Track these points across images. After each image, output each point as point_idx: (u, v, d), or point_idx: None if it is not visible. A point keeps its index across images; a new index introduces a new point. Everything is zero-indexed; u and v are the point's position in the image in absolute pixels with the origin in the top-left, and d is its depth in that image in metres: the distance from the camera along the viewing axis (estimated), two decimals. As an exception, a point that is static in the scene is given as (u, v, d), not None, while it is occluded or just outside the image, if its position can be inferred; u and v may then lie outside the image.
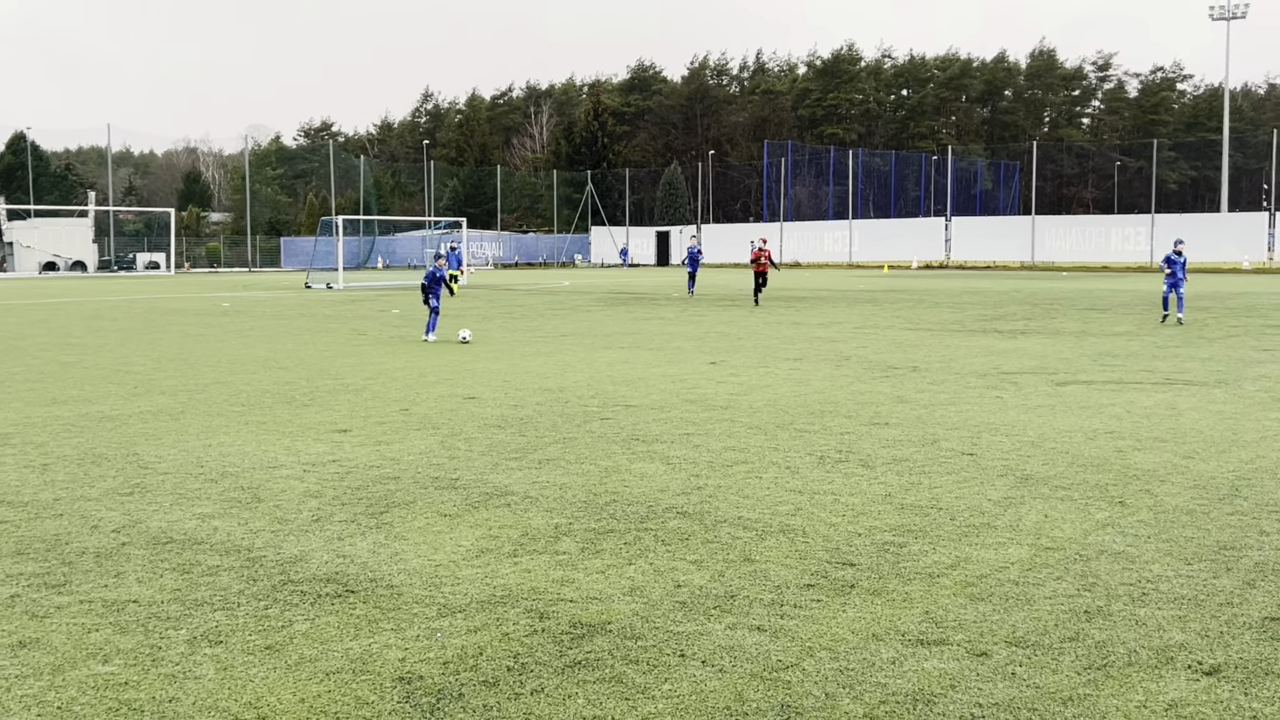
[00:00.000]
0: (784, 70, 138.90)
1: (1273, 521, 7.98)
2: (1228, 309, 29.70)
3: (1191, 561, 7.07)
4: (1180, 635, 5.80)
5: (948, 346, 20.59)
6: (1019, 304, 32.95)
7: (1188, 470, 9.73)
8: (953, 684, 5.21)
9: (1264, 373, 16.17)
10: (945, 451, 10.63)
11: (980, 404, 13.55)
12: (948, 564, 7.07)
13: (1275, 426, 11.80)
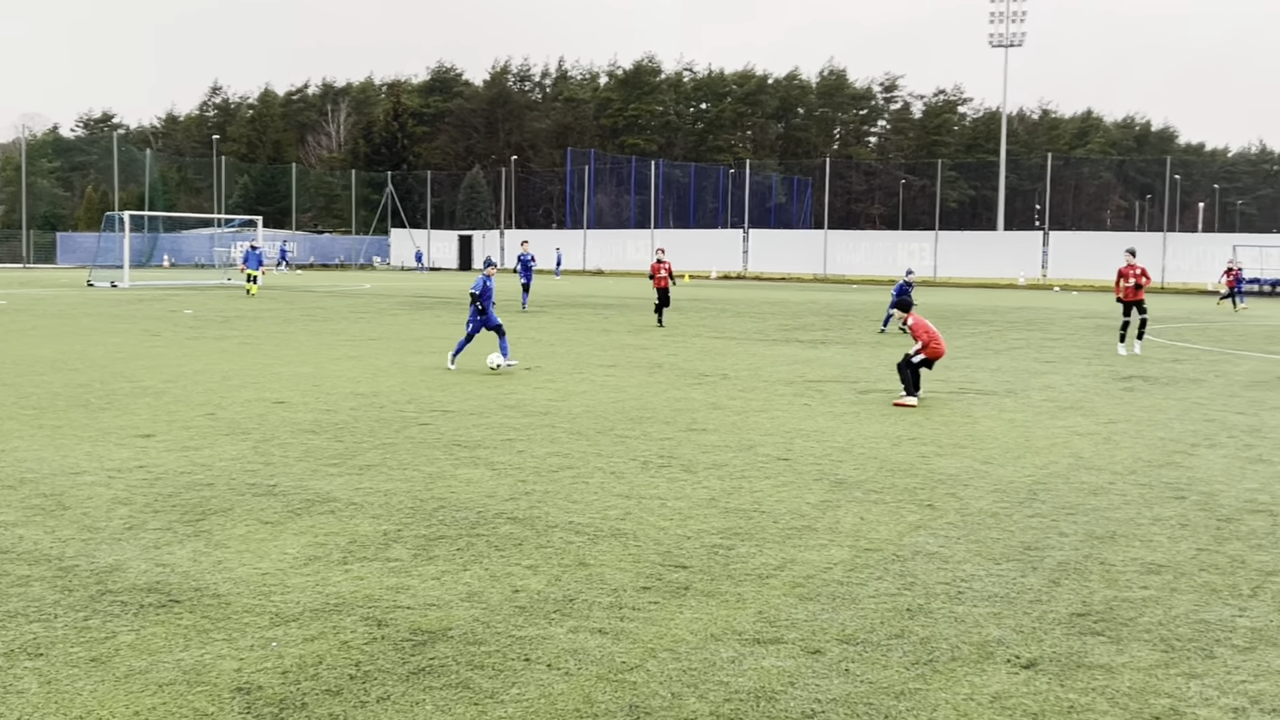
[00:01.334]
0: (586, 79, 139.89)
1: (1070, 523, 8.51)
2: (1009, 323, 31.40)
3: (1000, 561, 7.48)
4: (998, 631, 6.14)
5: (754, 355, 21.13)
6: (816, 314, 34.06)
7: (988, 475, 10.27)
8: (791, 681, 5.39)
9: (1047, 383, 17.18)
10: (762, 456, 10.93)
11: (790, 411, 13.97)
12: (775, 565, 7.28)
13: (1063, 434, 12.56)
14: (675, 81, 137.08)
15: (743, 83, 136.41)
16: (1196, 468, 10.72)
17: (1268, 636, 6.09)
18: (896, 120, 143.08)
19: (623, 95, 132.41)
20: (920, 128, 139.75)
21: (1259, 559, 7.60)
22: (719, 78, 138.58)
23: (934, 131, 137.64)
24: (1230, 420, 13.70)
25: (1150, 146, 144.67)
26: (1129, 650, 5.86)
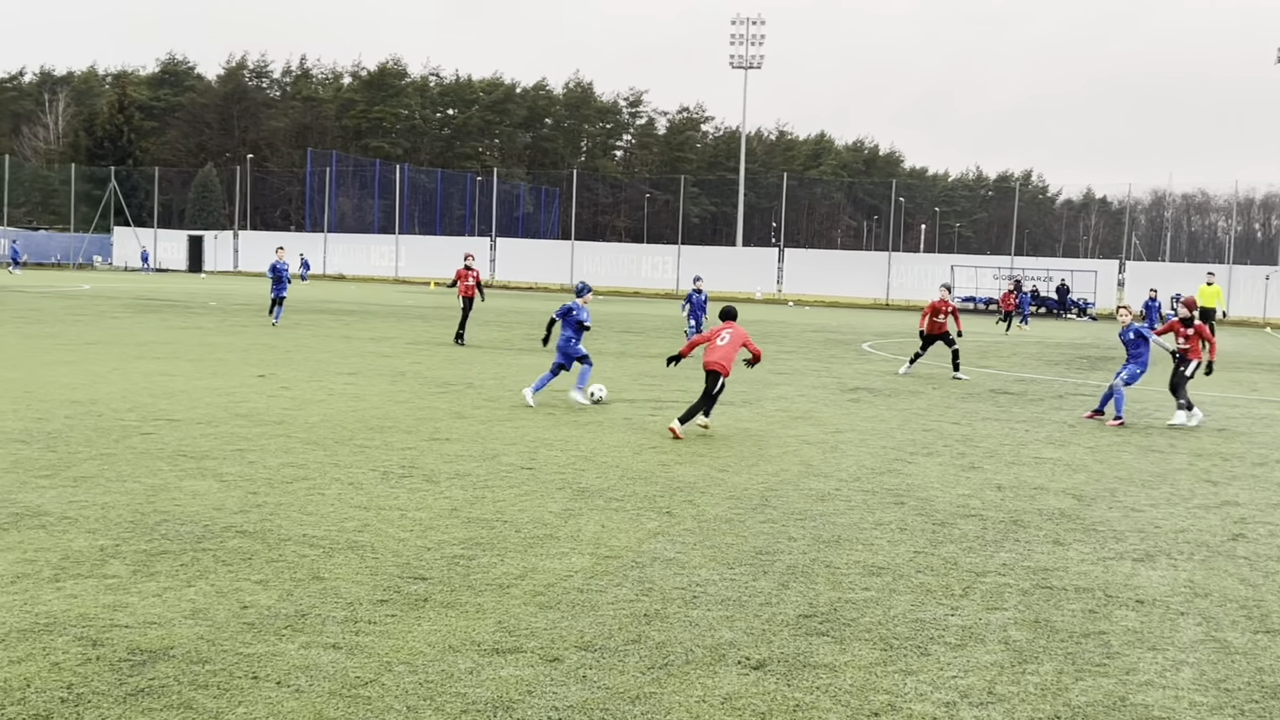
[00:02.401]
0: (329, 78, 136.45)
1: (799, 528, 8.85)
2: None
3: (734, 566, 7.69)
4: (729, 634, 6.31)
5: (499, 364, 21.07)
6: (561, 324, 34.31)
7: (724, 482, 10.56)
8: (529, 690, 5.38)
9: (781, 394, 17.85)
10: (506, 466, 10.89)
11: (534, 420, 13.99)
12: (517, 574, 7.26)
13: (794, 442, 13.07)
14: (422, 86, 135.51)
15: (491, 90, 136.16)
16: (915, 475, 11.34)
17: (976, 634, 6.49)
18: (642, 135, 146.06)
19: (367, 97, 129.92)
20: (665, 144, 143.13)
21: (970, 560, 8.10)
22: (466, 84, 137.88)
23: (678, 148, 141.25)
24: (946, 430, 14.58)
25: (878, 170, 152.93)
26: (851, 649, 6.14)
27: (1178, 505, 10.35)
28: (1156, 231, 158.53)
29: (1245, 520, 9.79)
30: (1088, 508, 10.10)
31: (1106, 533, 9.14)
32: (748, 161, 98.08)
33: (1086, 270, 63.35)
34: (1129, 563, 8.21)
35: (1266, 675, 5.96)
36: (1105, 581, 7.68)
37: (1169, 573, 7.97)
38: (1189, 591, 7.50)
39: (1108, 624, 6.75)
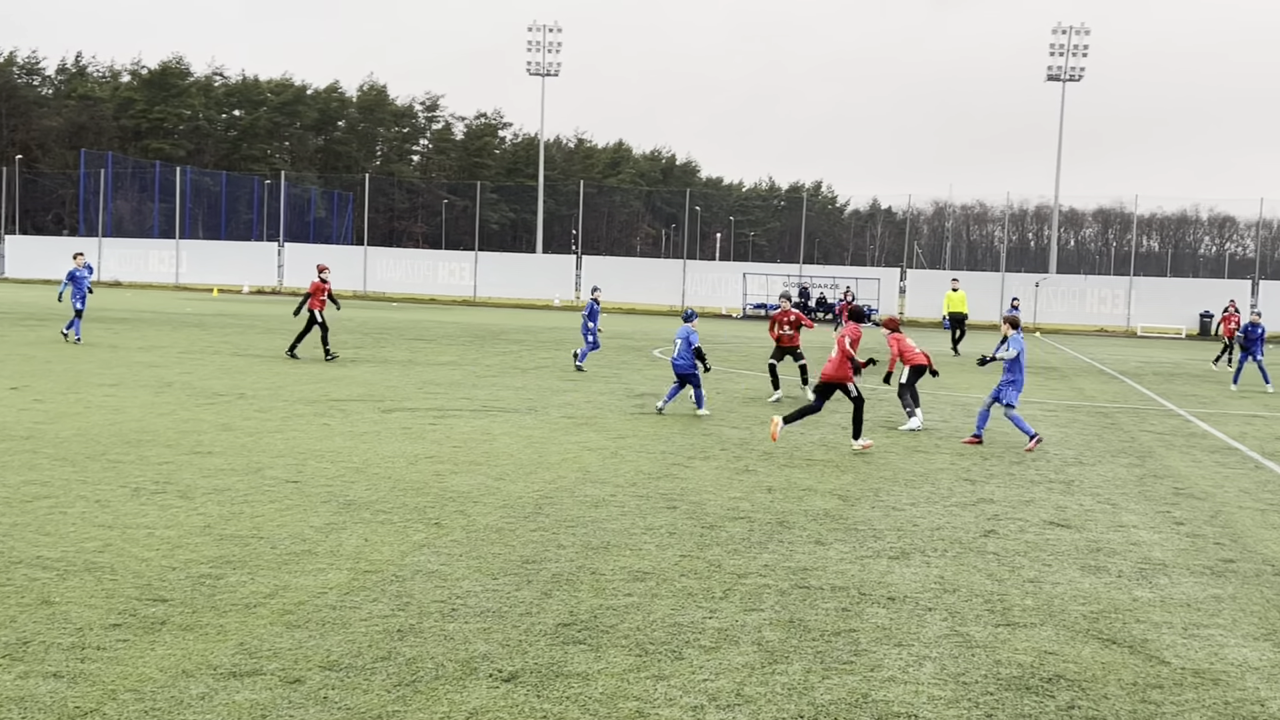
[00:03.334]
0: (106, 77, 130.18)
1: (569, 535, 8.79)
2: (540, 342, 32.39)
3: (498, 576, 7.57)
4: (484, 646, 6.18)
5: (277, 373, 20.40)
6: (350, 332, 33.50)
7: (499, 491, 10.43)
8: (264, 714, 5.14)
9: (568, 400, 17.82)
10: (270, 479, 10.49)
11: (307, 431, 13.56)
12: (266, 593, 6.97)
13: (575, 449, 13.03)
14: (206, 85, 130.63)
15: (280, 91, 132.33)
16: (690, 479, 11.45)
17: (731, 635, 6.54)
18: (439, 141, 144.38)
19: (147, 96, 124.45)
20: (463, 149, 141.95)
21: (734, 562, 8.19)
22: (254, 85, 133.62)
23: (476, 154, 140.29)
24: (725, 434, 14.80)
25: (675, 179, 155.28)
26: (606, 657, 6.10)
27: (936, 504, 10.73)
28: (938, 240, 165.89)
29: (998, 517, 10.23)
30: (852, 508, 10.38)
31: (867, 531, 9.39)
32: (547, 169, 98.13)
33: (871, 278, 65.69)
34: (885, 560, 8.45)
35: (1003, 667, 6.19)
36: (860, 580, 7.87)
37: (921, 569, 8.23)
38: (939, 587, 7.76)
39: (859, 621, 6.91)
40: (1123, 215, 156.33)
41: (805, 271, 67.28)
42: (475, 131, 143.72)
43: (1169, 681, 6.04)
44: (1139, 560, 8.74)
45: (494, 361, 24.83)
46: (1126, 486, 12.10)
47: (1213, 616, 7.27)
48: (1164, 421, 18.47)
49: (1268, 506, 11.19)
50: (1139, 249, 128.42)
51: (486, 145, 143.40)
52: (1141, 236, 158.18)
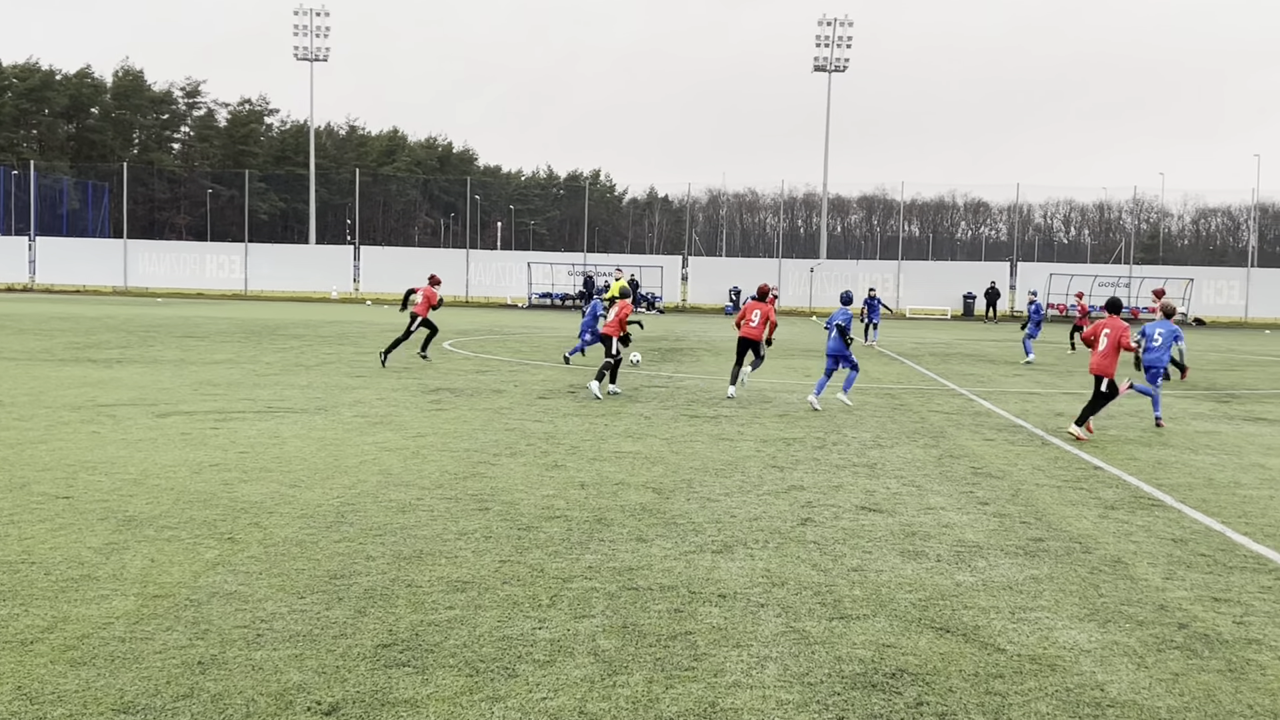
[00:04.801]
0: None
1: (378, 545, 8.25)
2: (321, 337, 31.17)
3: (304, 595, 7.00)
4: (298, 675, 5.65)
5: (36, 378, 18.85)
6: (114, 331, 31.46)
7: (295, 499, 9.76)
8: (52, 775, 4.50)
9: (358, 398, 17.06)
10: (37, 496, 9.53)
11: (76, 440, 12.48)
12: (43, 627, 6.22)
13: (373, 450, 12.40)
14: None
15: (25, 76, 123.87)
16: (499, 477, 11.02)
17: (565, 647, 6.18)
18: (201, 128, 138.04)
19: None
20: (227, 137, 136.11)
21: (556, 566, 7.83)
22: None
23: (241, 141, 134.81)
24: (529, 428, 14.41)
25: (453, 167, 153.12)
26: (434, 679, 5.65)
27: (750, 493, 10.64)
28: (714, 228, 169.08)
29: (811, 504, 10.19)
30: (667, 500, 10.17)
31: (686, 525, 9.19)
32: (319, 157, 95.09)
33: (653, 265, 66.26)
34: (709, 555, 8.25)
35: (845, 664, 6.04)
36: (688, 577, 7.64)
37: (747, 563, 8.06)
38: (767, 581, 7.60)
39: (693, 623, 6.66)
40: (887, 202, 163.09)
41: (589, 260, 67.30)
42: (241, 118, 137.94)
43: (1009, 670, 6.01)
44: (954, 543, 8.82)
45: (274, 359, 23.68)
46: (927, 468, 12.32)
47: (1035, 599, 7.34)
48: (949, 401, 19.07)
49: (1063, 483, 11.55)
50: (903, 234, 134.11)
51: (253, 132, 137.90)
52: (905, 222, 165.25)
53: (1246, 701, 5.63)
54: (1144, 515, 10.03)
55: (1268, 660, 6.23)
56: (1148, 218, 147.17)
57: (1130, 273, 65.29)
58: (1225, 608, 7.22)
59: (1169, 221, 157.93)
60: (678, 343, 33.64)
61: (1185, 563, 8.37)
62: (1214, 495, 11.06)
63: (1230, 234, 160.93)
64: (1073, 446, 14.06)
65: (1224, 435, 15.57)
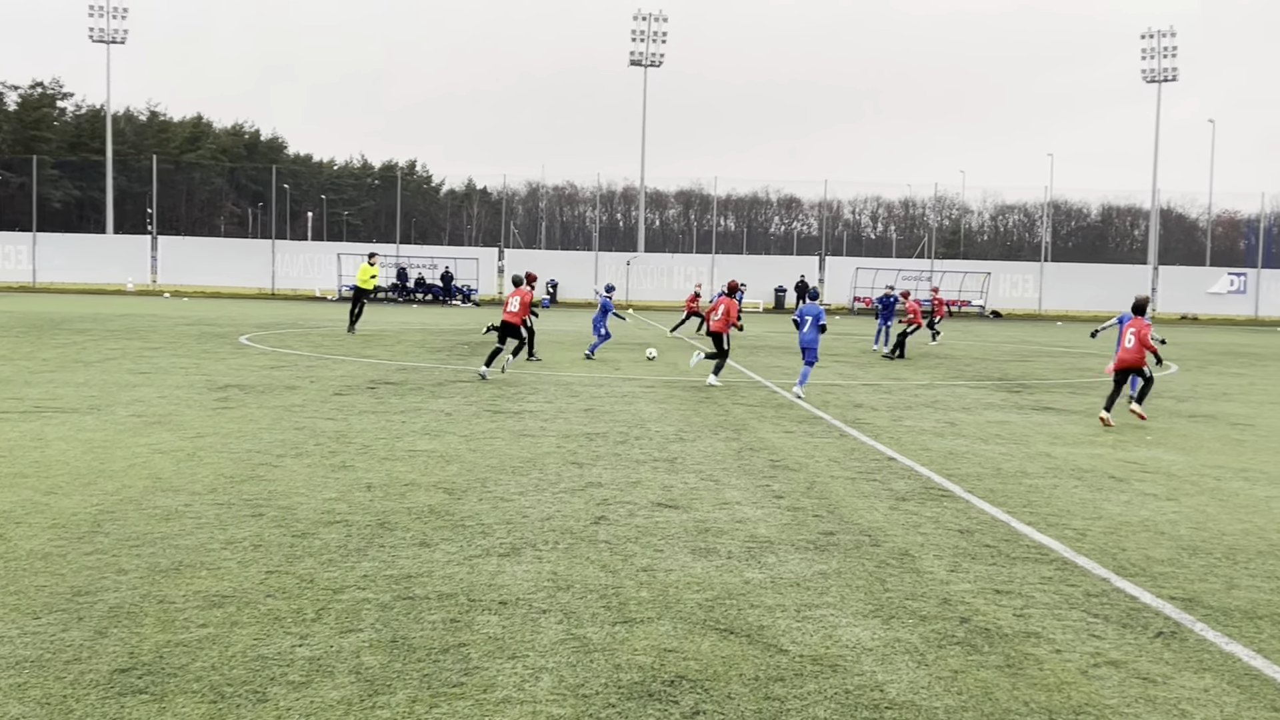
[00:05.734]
0: None
1: (134, 557, 7.62)
2: (109, 331, 29.53)
3: (41, 615, 6.36)
4: (18, 708, 5.08)
5: None
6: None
7: (49, 508, 8.99)
8: None
9: (138, 396, 16.07)
10: None
11: None
12: None
13: (145, 452, 11.60)
14: None
15: None
16: (279, 480, 10.42)
17: (325, 665, 5.75)
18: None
19: None
20: (17, 121, 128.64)
21: (329, 575, 7.35)
22: None
23: (32, 126, 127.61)
24: (320, 427, 13.77)
25: (261, 155, 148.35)
26: (173, 707, 5.15)
27: (545, 491, 10.32)
28: (533, 221, 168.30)
29: (607, 501, 9.94)
30: (459, 501, 9.76)
31: (475, 527, 8.81)
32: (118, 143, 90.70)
33: (469, 258, 65.40)
34: (495, 559, 7.89)
35: (624, 672, 5.78)
36: (470, 583, 7.27)
37: (534, 566, 7.74)
38: (552, 585, 7.29)
39: (469, 633, 6.30)
40: (703, 196, 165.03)
41: (403, 251, 65.96)
42: (31, 102, 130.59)
43: (790, 672, 5.85)
44: (746, 539, 8.69)
45: (52, 355, 22.24)
46: (727, 461, 12.23)
47: (822, 595, 7.23)
48: (754, 394, 19.14)
49: (856, 475, 11.60)
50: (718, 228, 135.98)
51: (45, 117, 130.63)
52: (720, 217, 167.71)
53: (1023, 699, 5.59)
54: (933, 506, 10.12)
55: (1045, 654, 6.24)
56: (950, 214, 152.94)
57: (933, 267, 67.56)
58: (1006, 600, 7.25)
59: (970, 218, 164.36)
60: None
61: (970, 554, 8.42)
62: (1001, 485, 11.27)
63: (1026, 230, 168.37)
64: (869, 438, 14.21)
65: (1014, 425, 16.01)
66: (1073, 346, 36.26)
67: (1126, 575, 7.93)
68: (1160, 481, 11.76)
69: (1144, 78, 78.70)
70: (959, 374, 24.49)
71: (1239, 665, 6.13)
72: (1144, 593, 7.49)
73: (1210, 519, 9.94)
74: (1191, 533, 9.37)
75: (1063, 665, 6.06)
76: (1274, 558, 8.57)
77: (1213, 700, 5.62)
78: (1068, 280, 66.97)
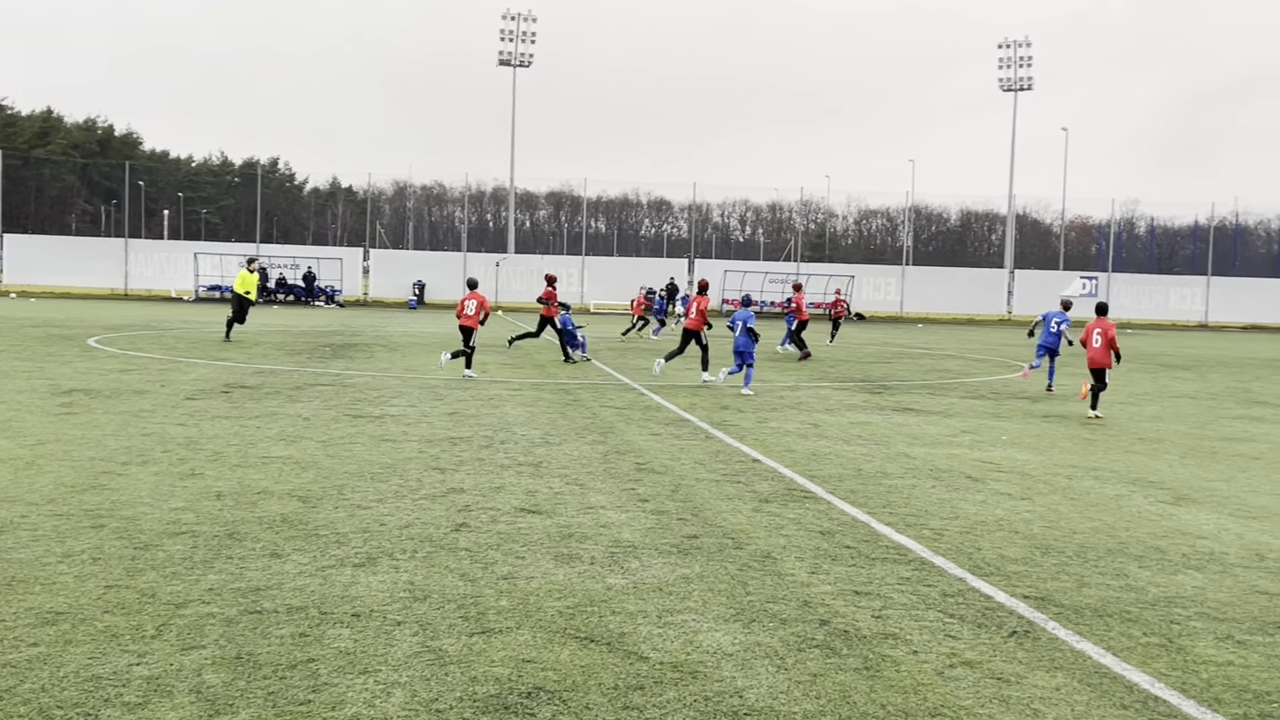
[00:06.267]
0: None
1: (-43, 573, 7.18)
2: (-54, 333, 28.10)
3: None
4: None
5: None
6: None
7: None
8: None
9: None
10: None
11: None
12: None
13: (-23, 461, 11.01)
14: None
15: None
16: (123, 489, 9.97)
17: (163, 685, 5.46)
18: None
19: None
20: None
21: (171, 589, 7.03)
22: None
23: None
24: (169, 433, 13.26)
25: (115, 151, 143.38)
26: (-5, 737, 4.83)
27: (405, 498, 10.08)
28: (400, 221, 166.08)
29: (469, 508, 9.75)
30: (313, 510, 9.46)
31: (330, 537, 8.54)
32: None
33: (333, 258, 64.17)
34: (349, 569, 7.65)
35: (479, 685, 5.62)
36: (322, 596, 7.02)
37: (390, 575, 7.52)
38: (409, 596, 7.08)
39: (319, 648, 6.07)
40: (573, 198, 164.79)
41: (264, 251, 64.36)
42: None
43: (649, 680, 5.76)
44: (610, 544, 8.59)
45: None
46: (592, 465, 12.12)
47: (684, 600, 7.17)
48: (621, 396, 19.09)
49: (721, 477, 11.61)
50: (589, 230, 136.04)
51: None
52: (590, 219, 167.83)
53: (880, 701, 5.60)
54: (796, 508, 10.17)
55: (902, 655, 6.27)
56: (815, 218, 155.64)
57: (798, 270, 68.60)
58: (865, 601, 7.29)
59: (835, 222, 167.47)
60: (353, 338, 32.48)
61: (831, 555, 8.46)
62: (862, 486, 11.40)
63: (889, 234, 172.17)
64: (734, 440, 14.27)
65: (875, 426, 16.25)
66: (932, 349, 37.13)
67: (982, 575, 8.06)
68: (1015, 481, 12.04)
69: (1001, 86, 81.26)
70: (823, 375, 24.83)
71: (1089, 663, 6.25)
72: (999, 592, 7.62)
73: (1062, 518, 10.19)
74: (1044, 531, 9.58)
75: (919, 666, 6.10)
76: (1123, 556, 8.81)
77: (1064, 699, 5.71)
78: (928, 283, 68.64)
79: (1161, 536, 9.55)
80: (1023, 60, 79.81)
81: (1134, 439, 15.80)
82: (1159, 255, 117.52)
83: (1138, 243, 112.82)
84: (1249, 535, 9.71)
